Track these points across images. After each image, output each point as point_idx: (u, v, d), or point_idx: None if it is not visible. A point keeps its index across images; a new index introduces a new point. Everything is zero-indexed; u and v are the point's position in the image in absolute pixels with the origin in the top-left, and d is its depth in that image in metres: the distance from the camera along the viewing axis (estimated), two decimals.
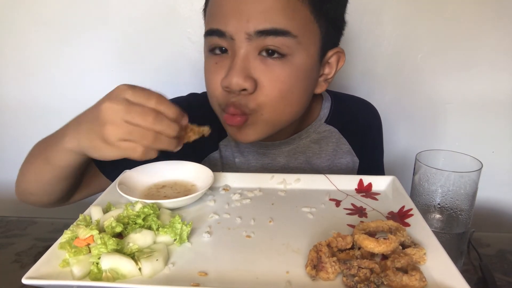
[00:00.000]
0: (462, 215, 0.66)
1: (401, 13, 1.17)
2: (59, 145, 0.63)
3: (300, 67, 0.70)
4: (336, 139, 0.90)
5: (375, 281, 0.45)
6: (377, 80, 1.25)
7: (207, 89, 0.76)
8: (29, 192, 0.76)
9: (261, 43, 0.67)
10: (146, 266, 0.47)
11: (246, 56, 0.68)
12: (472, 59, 1.20)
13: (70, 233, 0.52)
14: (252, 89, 0.68)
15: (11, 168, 1.38)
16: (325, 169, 0.90)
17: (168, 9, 1.19)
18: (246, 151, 0.88)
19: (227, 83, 0.68)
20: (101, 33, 1.22)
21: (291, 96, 0.72)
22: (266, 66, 0.68)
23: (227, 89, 0.69)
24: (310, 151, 0.89)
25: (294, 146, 0.88)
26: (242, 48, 0.67)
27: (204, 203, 0.66)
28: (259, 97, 0.69)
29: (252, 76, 0.68)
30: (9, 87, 1.30)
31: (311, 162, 0.89)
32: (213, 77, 0.72)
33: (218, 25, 0.69)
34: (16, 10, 1.21)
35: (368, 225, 0.55)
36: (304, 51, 0.70)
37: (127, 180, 0.68)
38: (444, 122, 1.28)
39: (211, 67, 0.73)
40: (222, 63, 0.70)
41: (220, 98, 0.72)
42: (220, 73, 0.70)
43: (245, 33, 0.66)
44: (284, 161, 0.88)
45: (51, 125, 1.41)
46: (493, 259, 0.72)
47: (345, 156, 0.91)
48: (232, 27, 0.67)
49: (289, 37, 0.67)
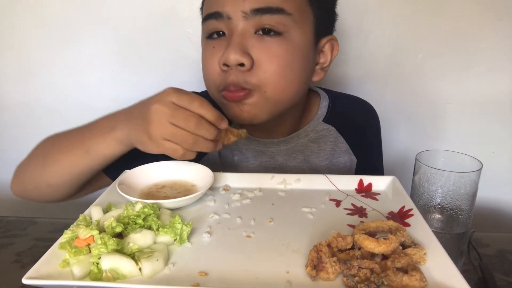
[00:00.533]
0: (462, 215, 0.66)
1: (401, 13, 1.17)
2: (108, 136, 0.67)
3: (296, 45, 0.73)
4: (334, 138, 0.91)
5: (375, 281, 0.45)
6: (377, 80, 1.25)
7: (205, 75, 0.77)
8: (47, 184, 0.75)
9: (257, 21, 0.69)
10: (146, 266, 0.47)
11: (244, 34, 0.70)
12: (472, 59, 1.20)
13: (70, 233, 0.52)
14: (249, 64, 0.69)
15: (11, 168, 1.37)
16: (324, 168, 0.90)
17: (168, 9, 1.19)
18: (244, 149, 0.88)
19: (224, 59, 0.69)
20: (101, 33, 1.22)
21: (290, 73, 0.73)
22: (263, 44, 0.70)
23: (224, 66, 0.70)
24: (309, 150, 0.90)
25: (292, 145, 0.89)
26: (239, 26, 0.70)
27: (204, 203, 0.66)
28: (259, 73, 0.71)
29: (249, 53, 0.70)
30: (9, 87, 1.30)
31: (310, 161, 0.90)
32: (210, 60, 0.73)
33: (215, 7, 0.71)
34: (16, 10, 1.21)
35: (368, 225, 0.55)
36: (299, 29, 0.72)
37: (127, 180, 0.68)
38: (444, 122, 1.28)
39: (209, 52, 0.74)
40: (219, 46, 0.72)
41: (218, 79, 0.73)
42: (218, 55, 0.71)
43: (241, 12, 0.69)
44: (282, 159, 0.89)
45: (51, 125, 1.41)
46: (493, 259, 0.72)
47: (343, 155, 0.91)
48: (229, 7, 0.69)
49: (284, 15, 0.70)
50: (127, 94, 1.28)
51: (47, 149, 0.76)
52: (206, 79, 0.77)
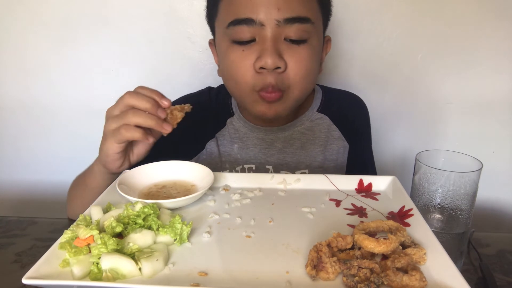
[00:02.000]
0: (462, 215, 0.66)
1: (401, 13, 1.17)
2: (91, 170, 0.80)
3: (315, 49, 0.83)
4: (327, 125, 0.97)
5: (375, 281, 0.45)
6: (377, 80, 1.25)
7: (235, 76, 0.82)
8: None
9: (287, 29, 0.77)
10: (146, 266, 0.47)
11: (276, 41, 0.77)
12: (472, 59, 1.20)
13: (70, 233, 0.52)
14: (284, 67, 0.78)
15: (11, 168, 1.37)
16: (319, 154, 0.96)
17: (168, 9, 1.19)
18: (245, 137, 0.95)
19: (263, 63, 0.76)
20: (101, 33, 1.22)
21: (312, 75, 0.84)
22: (292, 49, 0.78)
23: (262, 69, 0.78)
24: (305, 137, 0.96)
25: (290, 132, 0.95)
26: (271, 33, 0.77)
27: (204, 203, 0.66)
28: (290, 76, 0.80)
29: (282, 57, 0.78)
30: (9, 87, 1.30)
31: (306, 147, 0.96)
32: (242, 62, 0.80)
33: (247, 14, 0.77)
34: (16, 10, 1.21)
35: (368, 225, 0.55)
36: (317, 35, 0.82)
37: (127, 180, 0.68)
38: (444, 122, 1.28)
39: (237, 54, 0.80)
40: (249, 50, 0.79)
41: (253, 80, 0.80)
42: (250, 58, 0.78)
43: (275, 20, 0.76)
44: (280, 146, 0.95)
45: (51, 125, 1.42)
46: (493, 259, 0.72)
47: (336, 142, 0.97)
48: (264, 15, 0.76)
49: (309, 24, 0.79)
50: None
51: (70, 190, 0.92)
52: (237, 80, 0.82)
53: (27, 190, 1.38)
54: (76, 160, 1.35)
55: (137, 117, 0.68)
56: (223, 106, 0.98)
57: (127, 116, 0.68)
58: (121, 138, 0.69)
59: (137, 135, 0.69)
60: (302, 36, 0.78)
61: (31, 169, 1.37)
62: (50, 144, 1.35)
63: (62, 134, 1.34)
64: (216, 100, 0.99)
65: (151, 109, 0.68)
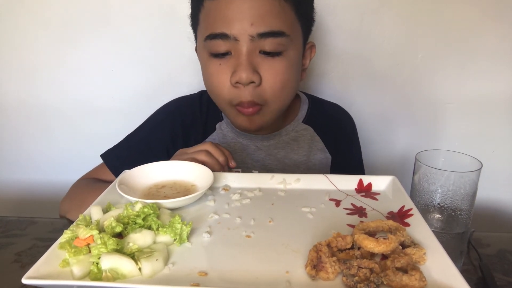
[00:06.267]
0: (462, 215, 0.66)
1: (401, 13, 1.17)
2: None
3: (292, 61, 0.82)
4: (311, 137, 0.99)
5: (375, 281, 0.45)
6: (377, 80, 1.25)
7: (213, 89, 0.84)
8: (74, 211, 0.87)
9: (261, 43, 0.77)
10: (146, 266, 0.47)
11: (250, 55, 0.78)
12: (472, 59, 1.20)
13: (70, 233, 0.52)
14: (258, 81, 0.79)
15: (11, 168, 1.37)
16: (302, 163, 0.98)
17: (168, 9, 1.19)
18: (232, 142, 0.97)
19: (237, 78, 0.77)
20: (101, 33, 1.22)
21: (289, 86, 0.84)
22: (267, 63, 0.79)
23: (237, 84, 0.79)
24: (289, 147, 0.98)
25: (275, 141, 0.97)
26: (246, 48, 0.77)
27: (204, 203, 0.66)
28: (266, 89, 0.80)
29: (257, 71, 0.78)
30: (9, 87, 1.30)
31: (289, 157, 0.98)
32: (219, 76, 0.81)
33: (222, 28, 0.77)
34: (16, 10, 1.21)
35: (368, 225, 0.55)
36: (294, 46, 0.82)
37: (127, 180, 0.68)
38: (444, 122, 1.28)
39: (214, 68, 0.81)
40: (226, 64, 0.80)
41: (229, 95, 0.82)
42: (226, 72, 0.80)
43: (249, 35, 0.76)
44: (265, 154, 0.97)
45: (51, 125, 1.42)
46: (493, 259, 0.72)
47: (318, 153, 0.99)
48: (237, 30, 0.76)
49: (284, 37, 0.78)
50: (127, 94, 1.29)
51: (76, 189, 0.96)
52: (215, 93, 0.85)
53: (27, 190, 1.38)
54: (76, 160, 1.36)
55: (207, 158, 0.75)
56: (213, 110, 0.98)
57: (199, 153, 0.75)
58: None
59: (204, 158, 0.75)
60: (277, 49, 0.78)
61: (31, 169, 1.37)
62: (50, 144, 1.35)
63: (62, 134, 1.34)
64: (207, 104, 1.00)
65: (223, 161, 0.77)
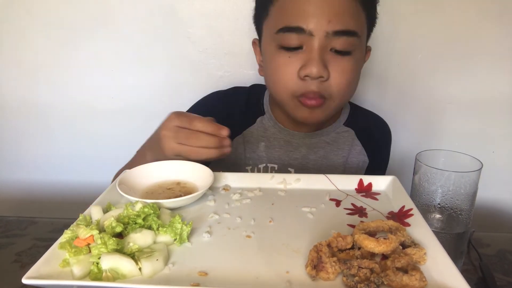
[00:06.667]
0: (462, 215, 0.66)
1: (401, 13, 1.17)
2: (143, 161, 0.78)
3: (358, 61, 0.85)
4: (351, 140, 1.00)
5: (375, 281, 0.45)
6: (377, 80, 1.25)
7: (277, 79, 0.85)
8: None
9: (334, 41, 0.79)
10: (146, 266, 0.47)
11: (322, 51, 0.79)
12: (472, 59, 1.20)
13: (70, 233, 0.52)
14: (327, 77, 0.80)
15: (11, 168, 1.37)
16: (340, 164, 0.99)
17: (168, 9, 1.19)
18: (272, 137, 0.98)
19: (308, 72, 0.78)
20: (101, 33, 1.22)
21: (353, 86, 0.87)
22: (336, 61, 0.80)
23: (305, 77, 0.80)
24: (329, 147, 0.99)
25: (316, 140, 0.98)
26: (319, 43, 0.78)
27: (204, 203, 0.66)
28: (332, 85, 0.81)
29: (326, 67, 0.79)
30: (9, 87, 1.30)
31: (328, 157, 0.98)
32: (286, 68, 0.82)
33: (298, 22, 0.78)
34: (16, 10, 1.21)
35: (368, 225, 0.55)
36: (361, 47, 0.85)
37: (127, 180, 0.68)
38: (444, 122, 1.28)
39: (283, 61, 0.82)
40: (295, 57, 0.81)
41: (295, 86, 0.82)
42: (295, 65, 0.80)
43: (325, 32, 0.77)
44: (305, 151, 0.97)
45: (51, 125, 1.42)
46: (493, 259, 0.72)
47: (357, 156, 1.00)
48: (314, 26, 0.77)
49: (356, 37, 0.80)
50: (127, 94, 1.29)
51: None
52: (280, 85, 0.85)
53: (27, 190, 1.38)
54: (76, 159, 1.36)
55: (208, 143, 0.72)
56: (255, 104, 1.00)
57: (201, 141, 0.72)
58: (188, 158, 0.73)
59: (214, 155, 0.73)
60: (348, 48, 0.80)
61: (31, 169, 1.37)
62: (50, 144, 1.35)
63: (62, 134, 1.34)
64: (248, 98, 1.02)
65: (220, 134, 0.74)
